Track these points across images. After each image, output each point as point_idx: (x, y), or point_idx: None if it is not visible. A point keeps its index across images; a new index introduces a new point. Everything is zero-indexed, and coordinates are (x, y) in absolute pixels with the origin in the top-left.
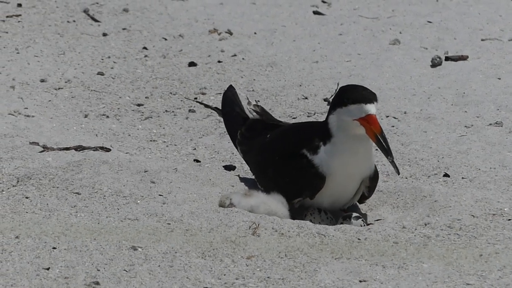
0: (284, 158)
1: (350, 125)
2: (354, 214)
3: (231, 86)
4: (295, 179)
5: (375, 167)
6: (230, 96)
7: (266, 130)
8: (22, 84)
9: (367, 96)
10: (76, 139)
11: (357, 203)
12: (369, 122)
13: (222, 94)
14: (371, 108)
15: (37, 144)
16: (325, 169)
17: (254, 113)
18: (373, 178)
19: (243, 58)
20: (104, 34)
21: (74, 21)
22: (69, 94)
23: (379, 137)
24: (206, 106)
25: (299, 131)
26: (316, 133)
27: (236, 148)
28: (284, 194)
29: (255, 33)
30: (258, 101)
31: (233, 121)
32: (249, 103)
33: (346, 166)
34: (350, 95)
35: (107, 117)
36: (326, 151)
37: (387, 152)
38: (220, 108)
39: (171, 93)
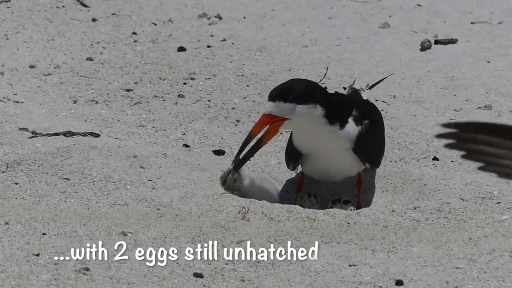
0: None
1: None
2: (344, 198)
3: None
4: (288, 145)
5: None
6: None
7: None
8: (11, 70)
9: (270, 93)
10: (65, 124)
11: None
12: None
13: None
14: (267, 106)
15: (27, 130)
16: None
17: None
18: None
19: (232, 43)
20: (93, 20)
21: (63, 6)
22: (58, 80)
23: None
24: None
25: None
26: None
27: None
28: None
29: (244, 17)
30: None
31: None
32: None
33: (312, 149)
34: None
35: (96, 102)
36: None
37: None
38: None
39: (160, 78)
